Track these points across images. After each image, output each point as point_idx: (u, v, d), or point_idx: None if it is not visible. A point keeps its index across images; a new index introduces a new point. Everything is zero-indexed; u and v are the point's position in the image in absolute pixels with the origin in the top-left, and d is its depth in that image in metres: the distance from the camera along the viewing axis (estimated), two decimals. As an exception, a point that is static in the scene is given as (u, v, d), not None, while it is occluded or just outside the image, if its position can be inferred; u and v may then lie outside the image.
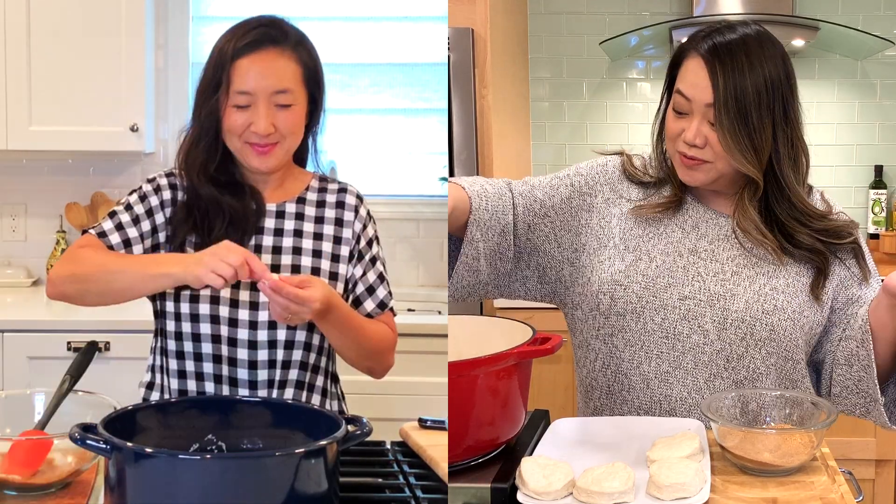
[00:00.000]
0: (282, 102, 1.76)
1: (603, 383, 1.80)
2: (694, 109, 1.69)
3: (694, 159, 1.71)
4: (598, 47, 3.75)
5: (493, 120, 3.18)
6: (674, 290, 1.73)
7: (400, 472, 1.57)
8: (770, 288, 1.71)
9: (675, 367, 1.73)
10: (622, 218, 1.80)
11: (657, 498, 1.35)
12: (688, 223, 1.78)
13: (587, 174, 1.84)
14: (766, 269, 1.73)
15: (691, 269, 1.74)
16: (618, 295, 1.75)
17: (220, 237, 1.76)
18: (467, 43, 3.10)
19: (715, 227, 1.78)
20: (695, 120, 1.69)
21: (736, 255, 1.75)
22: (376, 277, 1.88)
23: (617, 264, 1.76)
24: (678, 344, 1.72)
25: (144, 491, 1.21)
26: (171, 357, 1.80)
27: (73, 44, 3.31)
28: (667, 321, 1.73)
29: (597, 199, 1.82)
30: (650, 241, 1.77)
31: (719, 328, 1.71)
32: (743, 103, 1.65)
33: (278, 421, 1.44)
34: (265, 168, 1.80)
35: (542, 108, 3.97)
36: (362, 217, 1.88)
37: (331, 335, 1.79)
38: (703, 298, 1.72)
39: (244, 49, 1.75)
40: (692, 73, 1.69)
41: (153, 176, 1.87)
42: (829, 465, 1.49)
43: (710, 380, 1.72)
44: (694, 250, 1.76)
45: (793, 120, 1.71)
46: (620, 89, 3.93)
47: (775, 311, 1.71)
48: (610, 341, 1.77)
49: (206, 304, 1.77)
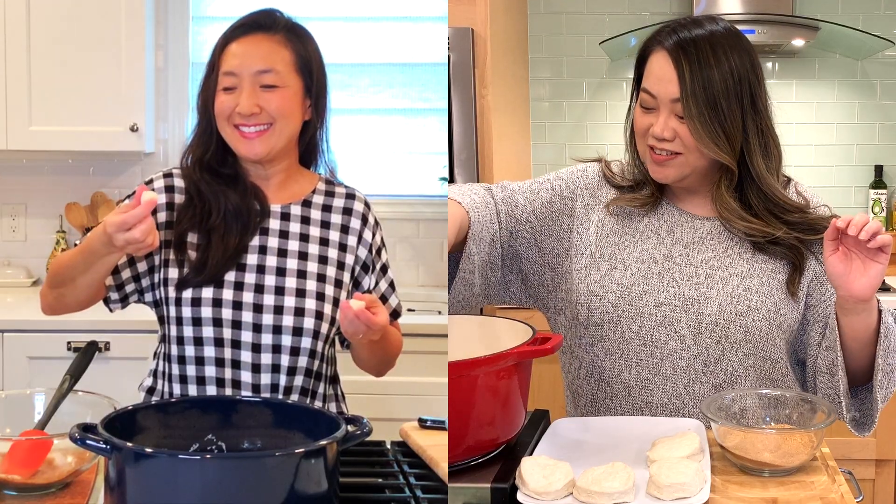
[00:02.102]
0: (267, 83, 1.75)
1: (587, 391, 1.80)
2: (660, 105, 1.68)
3: (664, 154, 1.69)
4: (598, 47, 3.75)
5: (493, 120, 3.18)
6: (649, 298, 1.72)
7: (400, 472, 1.57)
8: (743, 289, 1.70)
9: (654, 373, 1.73)
10: (599, 224, 1.80)
11: (657, 498, 1.35)
12: (663, 228, 1.77)
13: (568, 178, 1.84)
14: (739, 270, 1.72)
15: (666, 275, 1.73)
16: (594, 305, 1.74)
17: (217, 229, 1.76)
18: (467, 43, 3.10)
19: (690, 231, 1.77)
20: (662, 114, 1.68)
21: (710, 258, 1.74)
22: (388, 286, 1.88)
23: (592, 274, 1.76)
24: (656, 351, 1.72)
25: (144, 491, 1.21)
26: (174, 362, 1.78)
27: (73, 44, 3.31)
28: (644, 329, 1.72)
29: (577, 204, 1.82)
30: (625, 250, 1.77)
31: (695, 333, 1.71)
32: (711, 92, 1.64)
33: (278, 421, 1.44)
34: (253, 155, 1.77)
35: (542, 108, 3.97)
36: (371, 226, 1.87)
37: (363, 349, 1.78)
38: (678, 304, 1.71)
39: (234, 34, 1.78)
40: (657, 68, 1.68)
41: (150, 178, 1.85)
42: (829, 465, 1.49)
43: (689, 385, 1.72)
44: (669, 256, 1.75)
45: (761, 110, 1.70)
46: (620, 89, 3.93)
47: (749, 312, 1.70)
48: (591, 350, 1.77)
49: (209, 307, 1.75)
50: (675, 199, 1.80)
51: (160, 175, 1.85)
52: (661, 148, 1.69)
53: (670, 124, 1.67)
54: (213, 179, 1.79)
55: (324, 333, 1.78)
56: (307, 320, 1.76)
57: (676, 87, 1.65)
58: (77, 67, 3.32)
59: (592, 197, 1.83)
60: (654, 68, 1.69)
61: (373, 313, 1.60)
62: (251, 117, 1.74)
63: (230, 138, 1.78)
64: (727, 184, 1.72)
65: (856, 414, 1.74)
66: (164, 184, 1.83)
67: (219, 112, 1.76)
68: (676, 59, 1.66)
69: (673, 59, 1.66)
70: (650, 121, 1.70)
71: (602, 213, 1.80)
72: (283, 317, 1.75)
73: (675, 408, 1.73)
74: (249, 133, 1.75)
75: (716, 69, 1.65)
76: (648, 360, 1.73)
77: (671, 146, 1.68)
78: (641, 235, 1.77)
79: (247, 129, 1.75)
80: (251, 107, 1.74)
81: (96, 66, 3.32)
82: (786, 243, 1.72)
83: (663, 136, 1.68)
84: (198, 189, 1.79)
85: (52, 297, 1.80)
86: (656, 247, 1.76)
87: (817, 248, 1.74)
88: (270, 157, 1.79)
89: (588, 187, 1.83)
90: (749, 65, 1.68)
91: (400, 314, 1.89)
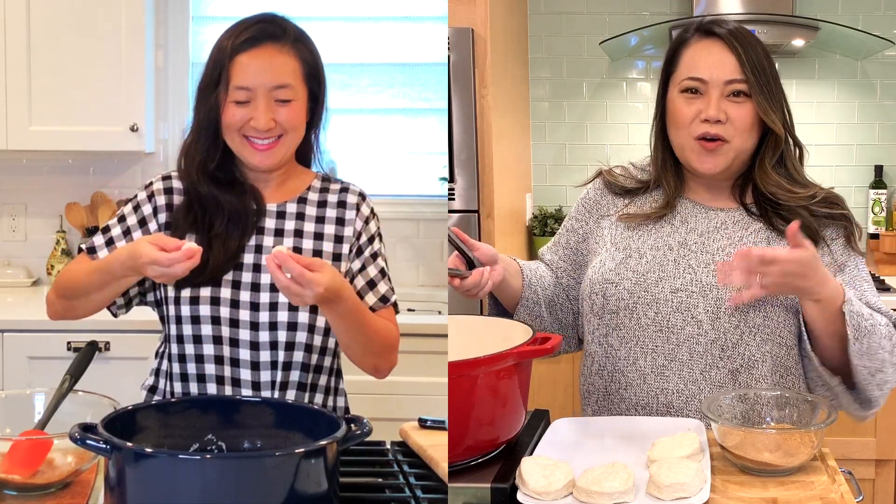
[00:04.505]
0: (281, 98, 1.76)
1: (600, 386, 1.81)
2: (710, 89, 1.73)
3: (714, 140, 1.73)
4: (598, 47, 3.75)
5: (493, 120, 3.18)
6: (665, 284, 1.74)
7: (400, 472, 1.57)
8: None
9: (670, 359, 1.74)
10: (611, 227, 1.86)
11: (657, 498, 1.35)
12: (677, 218, 1.81)
13: (576, 213, 1.95)
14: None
15: (682, 261, 1.76)
16: (609, 293, 1.77)
17: (220, 236, 1.77)
18: (467, 43, 3.10)
19: (704, 221, 1.80)
20: (713, 97, 1.73)
21: (726, 245, 1.76)
22: (377, 272, 1.86)
23: (608, 264, 1.80)
24: (672, 336, 1.73)
25: (144, 491, 1.21)
26: (174, 361, 1.80)
27: (73, 44, 3.32)
28: (660, 314, 1.74)
29: (588, 226, 1.91)
30: (640, 239, 1.81)
31: (713, 318, 1.72)
32: (766, 70, 1.74)
33: (278, 421, 1.44)
34: (265, 166, 1.79)
35: (542, 108, 3.97)
36: (364, 214, 1.87)
37: (338, 328, 1.75)
38: (696, 290, 1.73)
39: (243, 45, 1.75)
40: (707, 54, 1.75)
41: (150, 181, 1.87)
42: (829, 465, 1.49)
43: (705, 370, 1.73)
44: (684, 243, 1.78)
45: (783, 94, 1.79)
46: (620, 89, 3.93)
47: (769, 297, 1.71)
48: (605, 341, 1.78)
49: (207, 305, 1.76)
50: (690, 193, 1.84)
51: (159, 178, 1.86)
52: (713, 133, 1.73)
53: (723, 106, 1.73)
54: (213, 185, 1.80)
55: (320, 327, 1.79)
56: (301, 315, 1.77)
57: (734, 67, 1.73)
58: (77, 67, 3.32)
59: (598, 211, 1.91)
60: (703, 54, 1.76)
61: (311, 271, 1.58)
62: (266, 131, 1.75)
63: (239, 148, 1.78)
64: (770, 158, 1.77)
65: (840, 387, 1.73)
66: (164, 185, 1.85)
67: (229, 124, 1.76)
68: (730, 43, 1.74)
69: (727, 43, 1.74)
70: (699, 107, 1.74)
71: (613, 218, 1.87)
72: (278, 313, 1.77)
73: (691, 393, 1.73)
74: (261, 146, 1.77)
75: (761, 54, 1.75)
76: (664, 346, 1.74)
77: (722, 130, 1.73)
78: (655, 225, 1.82)
79: (260, 142, 1.76)
80: (268, 122, 1.75)
81: (96, 66, 3.33)
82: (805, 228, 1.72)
83: (718, 117, 1.72)
84: (198, 194, 1.80)
85: (60, 307, 1.82)
86: (671, 235, 1.79)
87: (831, 231, 1.78)
88: (279, 166, 1.82)
89: (592, 207, 1.92)
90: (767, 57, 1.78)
91: (389, 300, 1.86)
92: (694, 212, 1.81)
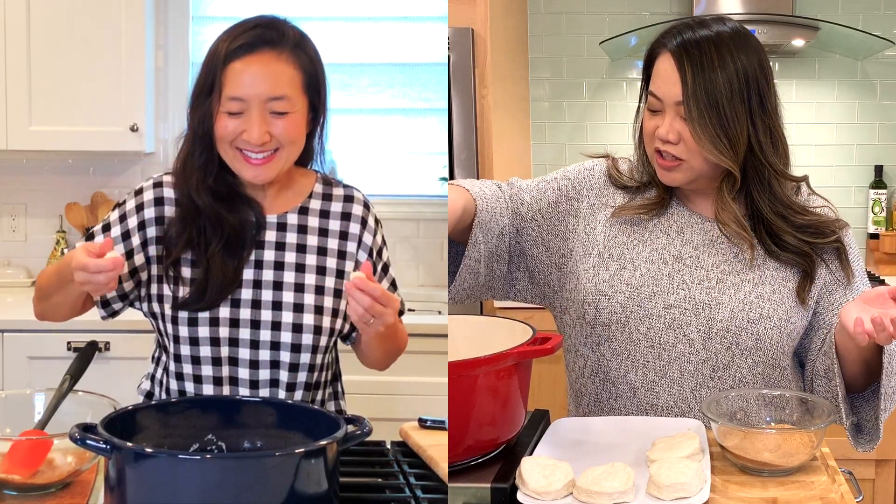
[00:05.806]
0: (278, 110, 1.65)
1: (591, 390, 1.80)
2: (665, 107, 1.68)
3: (669, 159, 1.69)
4: (598, 47, 3.75)
5: (493, 120, 3.18)
6: (659, 299, 1.72)
7: (400, 472, 1.57)
8: (756, 296, 1.70)
9: (660, 376, 1.72)
10: (606, 224, 1.79)
11: (657, 498, 1.35)
12: (672, 228, 1.77)
13: (574, 178, 1.83)
14: (751, 276, 1.71)
15: (676, 276, 1.72)
16: (602, 305, 1.74)
17: (217, 253, 1.70)
18: (467, 43, 3.10)
19: (700, 233, 1.76)
20: (667, 116, 1.67)
21: (720, 262, 1.73)
22: (389, 285, 1.84)
23: (601, 273, 1.75)
24: (664, 353, 1.72)
25: (144, 491, 1.21)
26: (171, 377, 1.75)
27: (72, 44, 3.31)
28: (652, 330, 1.72)
29: (583, 205, 1.81)
30: (634, 249, 1.76)
31: (704, 337, 1.70)
32: (713, 94, 1.63)
33: (278, 421, 1.44)
34: (260, 181, 1.70)
35: (542, 108, 3.97)
36: (371, 228, 1.81)
37: (378, 344, 1.74)
38: (689, 307, 1.70)
39: (237, 51, 1.64)
40: (662, 71, 1.68)
41: (140, 187, 1.77)
42: (829, 465, 1.49)
43: (695, 389, 1.71)
44: (679, 257, 1.74)
45: (770, 110, 1.69)
46: (620, 89, 3.93)
47: (761, 320, 1.69)
48: (598, 350, 1.77)
49: (206, 326, 1.70)
50: (684, 199, 1.79)
51: (150, 185, 1.77)
52: (667, 151, 1.68)
53: (675, 126, 1.67)
54: (212, 197, 1.71)
55: (322, 346, 1.75)
56: (305, 336, 1.72)
57: (679, 89, 1.65)
58: (77, 67, 3.32)
59: (598, 197, 1.81)
60: (660, 71, 1.68)
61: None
62: (261, 146, 1.65)
63: (232, 161, 1.68)
64: (729, 187, 1.70)
65: (854, 419, 1.73)
66: (154, 195, 1.75)
67: (222, 136, 1.66)
68: (679, 62, 1.65)
69: (676, 62, 1.65)
70: (656, 123, 1.69)
71: (609, 212, 1.80)
72: (280, 333, 1.72)
73: (681, 410, 1.72)
74: (256, 160, 1.66)
75: (720, 71, 1.63)
76: (655, 363, 1.72)
77: (676, 150, 1.68)
78: (651, 235, 1.76)
79: (254, 156, 1.66)
80: (262, 136, 1.64)
81: (96, 67, 3.32)
82: (797, 250, 1.71)
83: (668, 138, 1.67)
84: (195, 206, 1.71)
85: (39, 308, 1.81)
86: (666, 247, 1.75)
87: (827, 255, 1.73)
88: (275, 179, 1.73)
89: (593, 188, 1.82)
90: (757, 65, 1.67)
91: (403, 312, 1.84)
92: (690, 221, 1.76)
